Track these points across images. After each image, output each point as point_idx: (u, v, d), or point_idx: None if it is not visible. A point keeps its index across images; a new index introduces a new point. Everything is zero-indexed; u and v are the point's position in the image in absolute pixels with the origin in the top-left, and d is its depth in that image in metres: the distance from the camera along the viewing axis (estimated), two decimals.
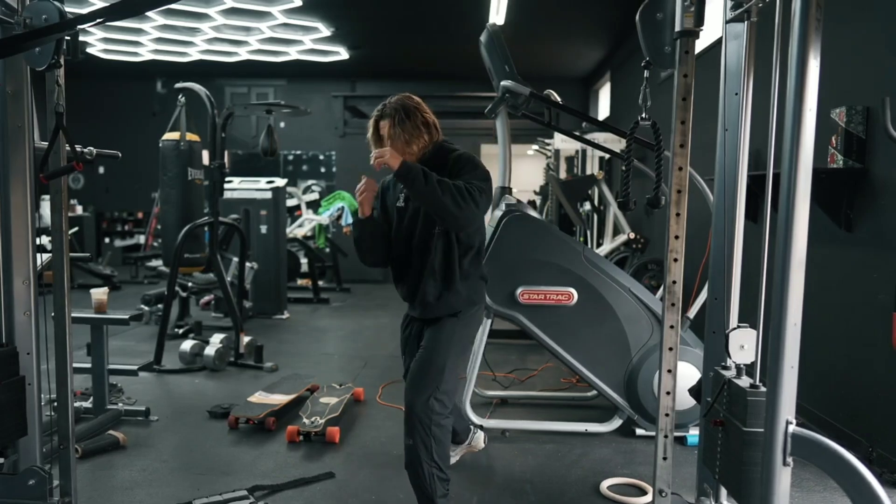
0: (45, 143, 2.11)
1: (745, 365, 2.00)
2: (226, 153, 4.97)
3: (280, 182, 6.88)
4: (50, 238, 2.24)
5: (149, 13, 6.84)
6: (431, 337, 2.35)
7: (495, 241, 3.30)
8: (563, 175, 8.79)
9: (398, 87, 11.23)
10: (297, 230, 8.87)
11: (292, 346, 5.50)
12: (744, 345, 1.97)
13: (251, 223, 6.61)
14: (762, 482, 1.73)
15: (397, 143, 2.27)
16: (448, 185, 2.13)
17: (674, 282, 2.09)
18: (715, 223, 2.27)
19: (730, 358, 2.02)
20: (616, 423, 3.39)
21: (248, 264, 5.91)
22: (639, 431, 3.35)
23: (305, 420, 3.33)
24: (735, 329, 1.99)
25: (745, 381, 1.97)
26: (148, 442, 3.24)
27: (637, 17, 2.10)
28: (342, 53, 8.97)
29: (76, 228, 9.13)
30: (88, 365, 3.55)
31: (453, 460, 2.86)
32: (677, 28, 2.01)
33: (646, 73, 2.15)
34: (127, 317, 3.54)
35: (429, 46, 8.66)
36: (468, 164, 2.28)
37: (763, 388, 1.85)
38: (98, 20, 1.91)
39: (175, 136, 4.99)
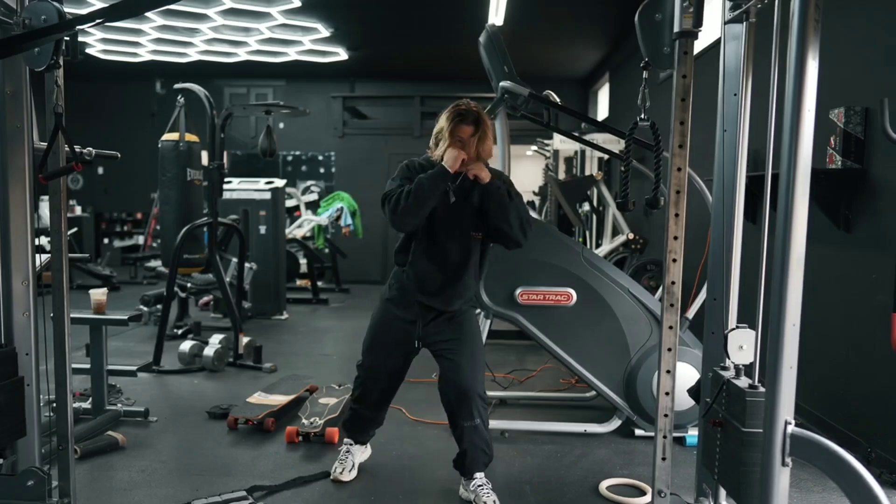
0: (45, 144, 2.11)
1: (743, 365, 2.00)
2: (225, 154, 4.97)
3: (279, 183, 6.88)
4: (49, 239, 2.24)
5: (148, 14, 6.84)
6: (465, 331, 2.61)
7: None
8: (562, 176, 8.78)
9: (398, 88, 11.17)
10: (296, 231, 8.86)
11: (291, 346, 5.50)
12: (743, 345, 1.97)
13: (250, 224, 6.61)
14: (761, 482, 1.73)
15: (471, 151, 2.45)
16: (520, 210, 2.47)
17: (672, 282, 2.10)
18: (714, 224, 2.27)
19: (729, 358, 2.02)
20: (615, 423, 3.39)
21: (247, 265, 5.91)
22: (638, 432, 3.36)
23: (304, 421, 3.33)
24: (734, 329, 1.99)
25: (743, 382, 1.97)
26: (147, 443, 3.24)
27: (636, 18, 2.10)
28: (341, 54, 8.96)
29: (75, 229, 9.11)
30: (87, 366, 3.54)
31: (363, 458, 2.97)
32: (676, 29, 2.01)
33: (644, 74, 2.15)
34: (126, 317, 3.54)
35: (428, 47, 8.65)
36: (517, 192, 2.54)
37: (762, 389, 1.85)
38: (97, 21, 1.91)
39: (174, 136, 4.99)
